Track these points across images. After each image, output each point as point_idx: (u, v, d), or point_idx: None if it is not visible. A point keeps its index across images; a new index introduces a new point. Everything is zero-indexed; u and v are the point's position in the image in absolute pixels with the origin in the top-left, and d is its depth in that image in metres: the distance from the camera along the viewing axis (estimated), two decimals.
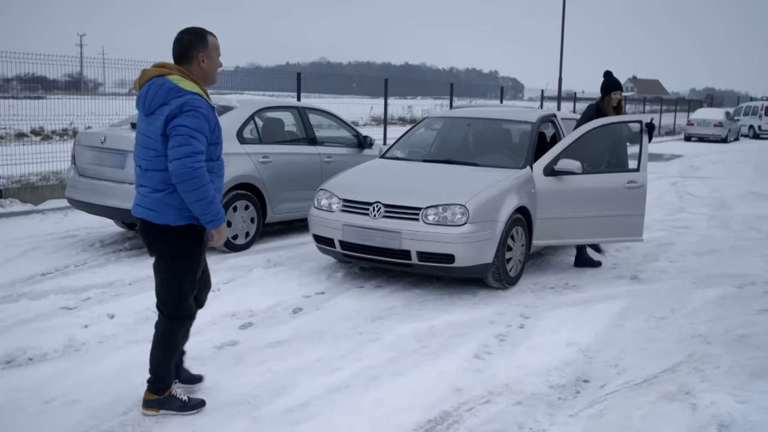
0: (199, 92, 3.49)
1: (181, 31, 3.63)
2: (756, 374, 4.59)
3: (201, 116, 3.40)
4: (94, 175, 7.46)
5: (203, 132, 3.41)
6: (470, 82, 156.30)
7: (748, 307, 6.13)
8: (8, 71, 11.71)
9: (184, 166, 3.34)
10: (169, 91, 3.44)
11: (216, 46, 3.64)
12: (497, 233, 6.21)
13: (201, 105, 3.42)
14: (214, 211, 3.47)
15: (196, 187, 3.38)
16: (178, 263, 3.67)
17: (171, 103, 3.41)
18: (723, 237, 9.30)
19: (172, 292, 3.72)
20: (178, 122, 3.38)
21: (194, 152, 3.36)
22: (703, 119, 31.69)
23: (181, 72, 3.52)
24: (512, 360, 4.75)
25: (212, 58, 3.62)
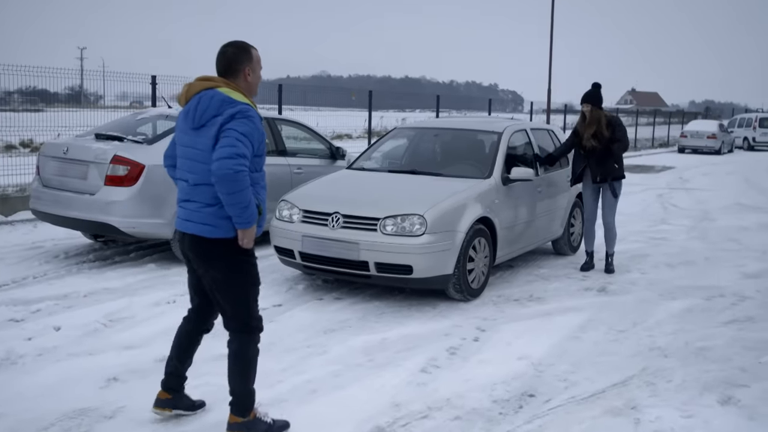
0: (251, 104, 3.49)
1: (225, 44, 3.61)
2: (708, 388, 4.48)
3: (251, 124, 3.38)
4: (58, 186, 7.38)
5: (251, 138, 3.38)
6: (470, 95, 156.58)
7: (713, 319, 6.03)
8: (10, 84, 11.76)
9: (226, 166, 3.27)
10: (222, 102, 3.42)
11: (258, 59, 3.64)
12: (457, 244, 6.11)
13: (254, 114, 3.43)
14: (248, 214, 3.40)
15: (235, 190, 3.31)
16: (240, 274, 3.59)
17: (225, 113, 3.39)
18: (700, 249, 9.19)
19: (238, 306, 3.63)
20: (228, 126, 3.36)
21: (237, 154, 3.30)
22: (697, 131, 31.61)
23: (228, 85, 3.51)
24: (459, 374, 4.64)
25: (256, 71, 3.63)
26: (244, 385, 3.66)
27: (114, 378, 4.42)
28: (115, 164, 6.96)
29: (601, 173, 7.45)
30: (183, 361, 3.93)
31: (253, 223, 3.48)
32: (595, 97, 7.41)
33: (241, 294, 3.63)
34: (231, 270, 3.58)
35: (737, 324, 5.90)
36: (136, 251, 8.01)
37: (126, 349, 4.93)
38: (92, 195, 7.02)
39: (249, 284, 3.64)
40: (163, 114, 8.13)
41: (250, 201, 3.38)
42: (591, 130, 7.35)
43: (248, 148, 3.36)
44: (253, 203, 3.41)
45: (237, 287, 3.61)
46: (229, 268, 3.57)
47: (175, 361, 3.90)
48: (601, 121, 7.35)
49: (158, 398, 3.89)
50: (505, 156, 7.11)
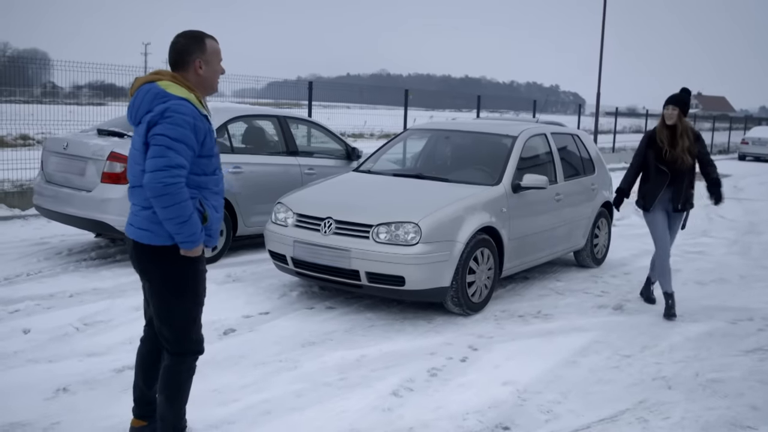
0: (189, 98, 3.10)
1: (177, 34, 3.25)
2: (707, 429, 4.00)
3: (184, 124, 3.00)
4: (58, 182, 7.26)
5: (186, 142, 3.00)
6: (530, 96, 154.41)
7: (733, 346, 5.49)
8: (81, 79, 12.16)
9: (156, 180, 2.95)
10: (155, 97, 3.09)
11: (216, 50, 3.25)
12: (455, 255, 5.71)
13: (186, 111, 3.03)
14: (188, 232, 3.05)
15: (168, 205, 2.98)
16: (178, 289, 3.21)
17: (155, 109, 3.05)
18: (737, 265, 8.56)
19: (173, 322, 3.26)
20: (157, 130, 3.00)
21: (169, 165, 2.96)
22: (759, 138, 30.21)
23: (174, 77, 3.16)
24: (432, 399, 4.26)
25: (211, 63, 3.21)
26: (171, 411, 3.33)
27: (64, 389, 4.18)
28: (111, 161, 6.78)
29: (685, 200, 6.20)
30: (150, 385, 3.54)
31: (198, 243, 3.13)
32: (682, 102, 6.12)
33: (177, 312, 3.26)
34: (168, 283, 3.23)
35: (760, 353, 5.35)
36: None
37: (88, 357, 4.70)
38: (89, 192, 6.87)
39: (188, 301, 3.27)
40: None
41: (190, 216, 3.04)
42: (685, 144, 6.03)
43: (184, 155, 3.01)
44: (194, 218, 3.07)
45: (174, 303, 3.25)
46: (167, 281, 3.23)
47: (141, 386, 3.55)
48: (689, 133, 6.10)
49: (132, 427, 3.55)
50: (517, 162, 6.67)
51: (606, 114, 33.95)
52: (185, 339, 3.30)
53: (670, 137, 6.05)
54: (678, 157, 6.02)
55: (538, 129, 7.39)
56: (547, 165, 7.22)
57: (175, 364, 3.31)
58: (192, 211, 3.05)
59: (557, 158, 7.34)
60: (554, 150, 7.37)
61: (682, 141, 6.01)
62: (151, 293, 3.30)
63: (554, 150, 7.37)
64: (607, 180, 8.39)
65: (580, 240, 7.77)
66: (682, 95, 6.17)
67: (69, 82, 13.65)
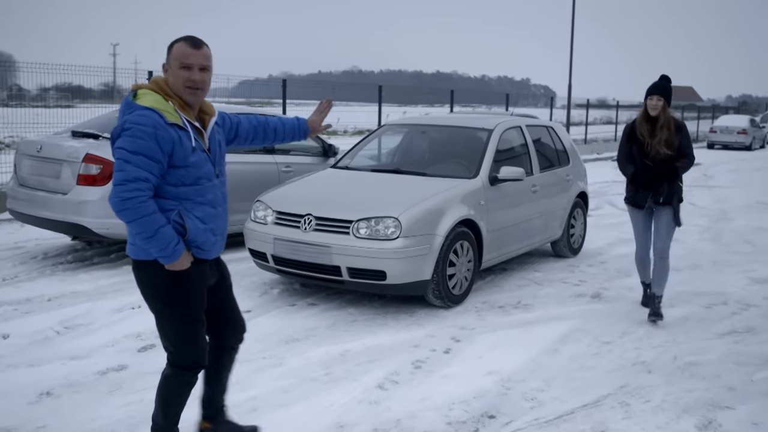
0: (159, 107, 2.92)
1: None
2: (687, 410, 4.08)
3: (143, 135, 2.84)
4: (33, 185, 7.18)
5: (145, 153, 2.84)
6: (502, 90, 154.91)
7: (709, 330, 5.60)
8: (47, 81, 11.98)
9: (114, 195, 2.83)
10: (124, 108, 2.98)
11: (180, 54, 3.01)
12: (435, 248, 5.76)
13: (145, 122, 2.86)
14: (157, 246, 2.90)
15: (130, 219, 2.85)
16: (165, 302, 3.09)
17: (121, 120, 2.96)
18: (710, 251, 8.72)
19: (167, 335, 3.16)
20: (117, 144, 2.90)
21: (126, 179, 2.82)
22: (726, 126, 30.73)
23: (157, 84, 3.02)
24: (418, 391, 4.29)
25: (172, 67, 3.01)
26: (163, 419, 3.26)
27: (47, 392, 4.15)
28: (87, 163, 6.72)
29: (668, 194, 5.78)
30: (213, 387, 3.50)
31: (175, 258, 2.96)
32: (666, 91, 5.71)
33: (168, 326, 3.14)
34: (154, 297, 3.10)
35: (735, 336, 5.47)
36: (117, 252, 7.77)
37: (71, 360, 4.66)
38: (65, 195, 6.80)
39: (176, 317, 3.11)
40: None
41: (157, 231, 2.88)
42: (663, 135, 5.66)
43: (145, 167, 2.84)
44: (163, 232, 2.90)
45: (164, 317, 3.14)
46: (152, 295, 3.11)
47: (205, 387, 3.49)
48: (670, 124, 5.69)
49: (199, 429, 3.52)
50: (494, 154, 6.73)
51: (577, 106, 34.17)
52: (180, 353, 3.18)
53: (650, 129, 5.70)
54: (654, 148, 5.69)
55: (514, 122, 7.45)
56: (523, 157, 7.29)
57: (172, 374, 3.20)
58: (159, 225, 2.90)
59: (533, 150, 7.41)
60: (529, 142, 7.45)
61: (661, 133, 5.65)
62: (149, 306, 3.19)
63: (529, 142, 7.45)
64: (582, 171, 8.48)
65: (557, 230, 7.85)
66: (664, 84, 5.77)
67: (35, 84, 13.46)
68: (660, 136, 5.66)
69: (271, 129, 3.63)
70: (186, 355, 3.18)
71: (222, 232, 3.23)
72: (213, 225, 3.13)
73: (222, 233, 3.23)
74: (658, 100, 5.66)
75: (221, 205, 3.20)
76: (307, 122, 3.72)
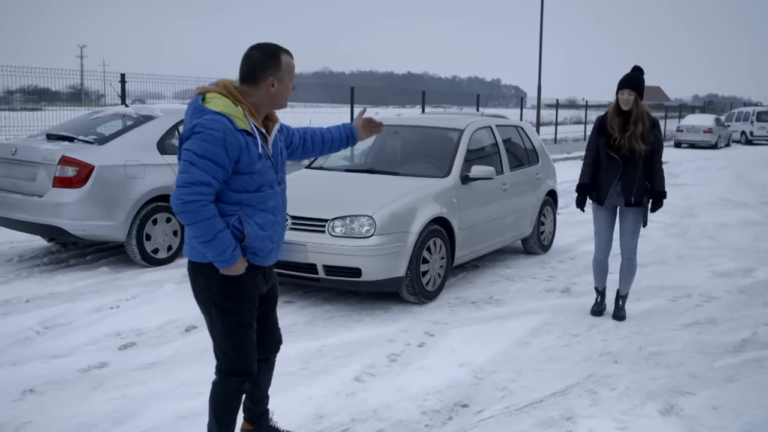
0: (229, 112, 2.92)
1: (251, 47, 3.09)
2: (651, 396, 4.28)
3: (212, 140, 2.84)
4: (7, 188, 7.20)
5: (212, 158, 2.84)
6: (473, 91, 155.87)
7: (673, 321, 5.82)
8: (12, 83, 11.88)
9: (176, 196, 2.84)
10: (194, 112, 2.96)
11: (290, 67, 3.08)
12: (409, 245, 5.91)
13: (216, 127, 2.85)
14: (214, 251, 2.91)
15: (190, 222, 2.86)
16: (219, 307, 3.09)
17: (191, 124, 2.94)
18: (675, 246, 8.98)
19: (218, 340, 3.17)
20: (185, 146, 2.90)
21: (190, 182, 2.83)
22: (693, 125, 31.32)
23: (226, 88, 3.00)
24: (393, 383, 4.44)
25: (284, 81, 3.06)
26: (214, 428, 3.28)
27: (31, 390, 4.23)
28: (63, 165, 6.77)
29: (637, 193, 5.56)
30: (251, 394, 3.49)
31: (228, 260, 2.95)
32: (639, 84, 5.45)
33: (218, 330, 3.15)
34: (206, 300, 3.12)
35: (698, 327, 5.70)
36: (93, 254, 7.82)
37: (52, 359, 4.74)
38: (41, 197, 6.84)
39: (227, 321, 3.10)
40: (119, 113, 7.94)
41: (215, 235, 2.88)
42: (638, 130, 5.41)
43: (209, 171, 2.85)
44: (221, 237, 2.90)
45: (214, 320, 3.14)
46: (205, 298, 3.12)
47: (249, 400, 3.51)
48: (645, 118, 5.46)
49: (242, 429, 3.56)
50: (465, 154, 6.90)
51: (546, 106, 34.63)
52: (228, 359, 3.18)
53: (622, 123, 5.46)
54: (626, 143, 5.44)
55: (484, 122, 7.64)
56: (494, 156, 7.48)
57: (219, 381, 3.23)
58: (219, 230, 2.90)
59: (503, 150, 7.60)
60: (500, 142, 7.63)
61: (635, 127, 5.40)
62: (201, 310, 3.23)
63: (500, 142, 7.63)
64: (551, 170, 8.69)
65: (528, 228, 8.05)
66: (636, 75, 5.49)
67: (0, 87, 13.35)
68: (633, 130, 5.42)
69: (318, 139, 3.59)
70: (234, 361, 3.17)
71: (280, 239, 3.22)
72: (272, 232, 3.12)
73: (280, 241, 3.22)
74: (629, 94, 5.40)
75: (281, 212, 3.20)
76: (354, 130, 3.68)
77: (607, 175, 5.63)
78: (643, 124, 5.43)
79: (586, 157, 5.78)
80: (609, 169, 5.61)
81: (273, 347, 3.48)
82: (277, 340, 3.49)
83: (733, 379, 4.60)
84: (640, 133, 5.42)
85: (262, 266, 3.16)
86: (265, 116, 3.15)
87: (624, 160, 5.51)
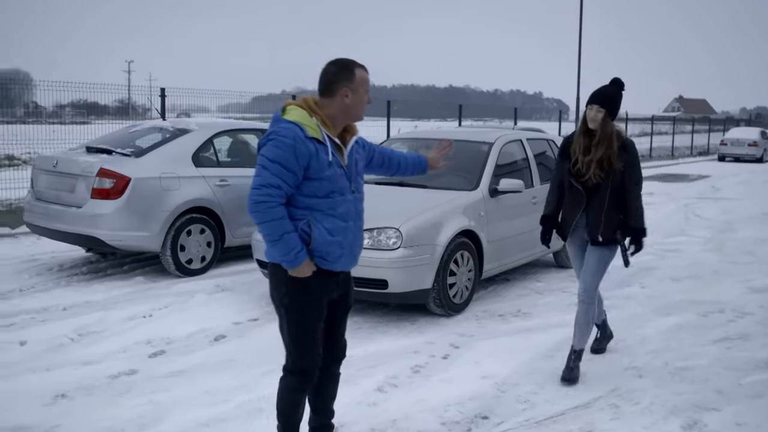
0: (302, 122, 3.11)
1: (328, 62, 3.29)
2: (674, 412, 4.23)
3: (283, 146, 3.03)
4: (49, 199, 7.44)
5: (282, 163, 3.02)
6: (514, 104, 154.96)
7: (703, 337, 5.74)
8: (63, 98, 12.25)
9: (249, 197, 3.06)
10: (273, 122, 3.18)
11: (364, 80, 3.28)
12: (436, 258, 5.95)
13: (288, 135, 3.05)
14: (280, 251, 3.07)
15: (260, 222, 3.04)
16: (286, 307, 3.25)
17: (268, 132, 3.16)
18: (711, 261, 8.84)
19: (284, 339, 3.35)
20: (261, 152, 3.11)
21: (261, 184, 3.03)
22: (737, 138, 30.72)
23: (305, 101, 3.21)
24: (415, 394, 4.48)
25: (358, 92, 3.24)
26: (281, 423, 3.43)
27: (62, 395, 4.37)
28: (101, 177, 6.98)
29: (606, 230, 4.66)
30: (313, 404, 3.63)
31: (293, 261, 3.10)
32: (610, 100, 4.59)
33: (284, 330, 3.32)
34: (278, 302, 3.30)
35: (728, 342, 5.61)
36: (129, 264, 8.02)
37: (84, 365, 4.88)
38: (79, 208, 7.05)
39: (292, 323, 3.27)
40: (156, 126, 8.15)
41: (281, 236, 3.05)
42: (597, 154, 4.55)
43: (280, 175, 3.02)
44: (287, 238, 3.05)
45: (282, 322, 3.32)
46: (277, 299, 3.29)
47: (309, 402, 3.61)
48: (612, 141, 4.56)
49: None
50: (494, 167, 6.93)
51: None
52: (291, 358, 3.34)
53: (585, 145, 4.61)
54: (585, 169, 4.59)
55: (514, 135, 7.65)
56: (524, 170, 7.48)
57: (282, 378, 3.40)
58: (285, 231, 3.05)
59: (533, 163, 7.60)
60: (530, 155, 7.63)
61: (595, 150, 4.54)
62: None
63: (530, 155, 7.63)
64: None
65: (558, 241, 7.98)
66: (610, 90, 4.66)
67: (51, 101, 13.79)
68: (594, 153, 4.54)
69: (395, 162, 3.83)
70: (295, 360, 3.32)
71: (350, 246, 3.29)
72: (341, 238, 3.22)
73: (350, 247, 3.30)
74: (598, 110, 4.54)
75: (353, 220, 3.31)
76: (427, 160, 3.93)
77: (570, 207, 4.78)
78: (608, 147, 4.52)
79: (551, 184, 4.99)
80: (572, 200, 4.76)
81: (337, 356, 3.58)
82: (340, 348, 3.58)
83: (761, 396, 4.52)
84: (600, 157, 4.52)
85: (334, 271, 3.26)
86: (344, 128, 3.32)
87: (587, 190, 4.64)
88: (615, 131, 4.59)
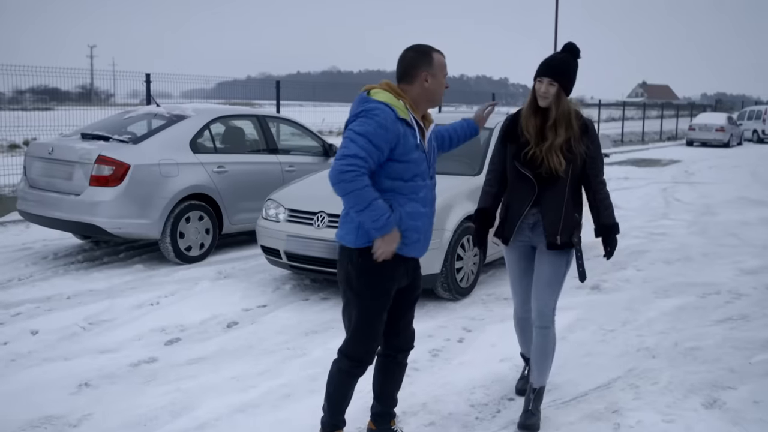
0: (392, 103, 3.12)
1: (406, 48, 3.31)
2: (693, 390, 4.35)
3: (373, 123, 3.03)
4: (44, 187, 7.32)
5: (370, 138, 3.01)
6: (480, 89, 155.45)
7: (706, 318, 5.89)
8: (22, 84, 11.98)
9: (334, 167, 3.00)
10: (359, 103, 3.15)
11: (442, 64, 3.31)
12: (444, 243, 6.00)
13: (379, 114, 3.05)
14: (371, 217, 3.03)
15: (345, 193, 3.01)
16: (354, 291, 3.25)
17: (356, 112, 3.14)
18: (699, 244, 9.03)
19: (348, 322, 3.33)
20: (349, 128, 3.09)
21: (347, 154, 2.98)
22: (705, 124, 31.29)
23: (389, 86, 3.22)
24: (438, 377, 4.54)
25: (437, 77, 3.27)
26: (326, 405, 3.45)
27: (86, 383, 4.34)
28: (99, 164, 6.89)
29: (565, 230, 3.76)
30: (377, 393, 3.65)
31: (384, 227, 3.07)
32: (564, 71, 3.66)
33: (347, 312, 3.33)
34: (345, 284, 3.29)
35: (730, 323, 5.76)
36: (126, 251, 7.94)
37: (102, 354, 4.85)
38: (77, 195, 6.95)
39: (358, 308, 3.26)
40: (151, 113, 8.05)
41: (369, 203, 3.02)
42: (559, 138, 3.63)
43: (365, 148, 3.00)
44: (375, 205, 3.03)
45: (348, 306, 3.31)
46: (345, 281, 3.29)
47: (374, 391, 3.66)
48: (572, 122, 3.67)
49: (368, 428, 3.71)
50: None
51: None
52: (350, 342, 3.34)
53: (539, 126, 3.68)
54: (542, 157, 3.65)
55: None
56: None
57: (336, 360, 3.39)
58: (373, 198, 3.03)
59: None
60: None
61: (554, 134, 3.63)
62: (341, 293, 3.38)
63: None
64: None
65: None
66: (563, 59, 3.70)
67: (10, 86, 13.41)
68: (552, 139, 3.63)
69: (447, 138, 3.88)
70: (353, 346, 3.32)
71: (425, 232, 3.31)
72: (420, 223, 3.25)
73: (425, 233, 3.31)
74: (549, 84, 3.63)
75: (430, 206, 3.32)
76: (474, 120, 4.00)
77: (516, 202, 3.83)
78: (567, 128, 3.65)
79: (489, 173, 4.02)
80: (519, 193, 3.81)
81: (404, 346, 3.57)
82: (408, 338, 3.58)
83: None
84: (561, 143, 3.63)
85: (405, 257, 3.26)
86: (423, 116, 3.32)
87: (540, 180, 3.71)
88: (573, 110, 3.68)
